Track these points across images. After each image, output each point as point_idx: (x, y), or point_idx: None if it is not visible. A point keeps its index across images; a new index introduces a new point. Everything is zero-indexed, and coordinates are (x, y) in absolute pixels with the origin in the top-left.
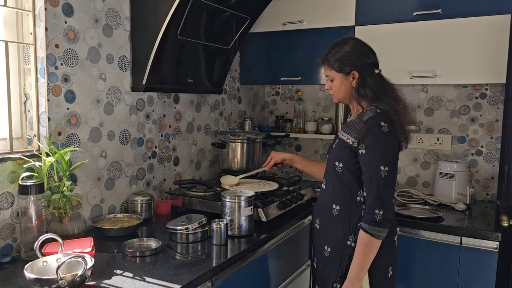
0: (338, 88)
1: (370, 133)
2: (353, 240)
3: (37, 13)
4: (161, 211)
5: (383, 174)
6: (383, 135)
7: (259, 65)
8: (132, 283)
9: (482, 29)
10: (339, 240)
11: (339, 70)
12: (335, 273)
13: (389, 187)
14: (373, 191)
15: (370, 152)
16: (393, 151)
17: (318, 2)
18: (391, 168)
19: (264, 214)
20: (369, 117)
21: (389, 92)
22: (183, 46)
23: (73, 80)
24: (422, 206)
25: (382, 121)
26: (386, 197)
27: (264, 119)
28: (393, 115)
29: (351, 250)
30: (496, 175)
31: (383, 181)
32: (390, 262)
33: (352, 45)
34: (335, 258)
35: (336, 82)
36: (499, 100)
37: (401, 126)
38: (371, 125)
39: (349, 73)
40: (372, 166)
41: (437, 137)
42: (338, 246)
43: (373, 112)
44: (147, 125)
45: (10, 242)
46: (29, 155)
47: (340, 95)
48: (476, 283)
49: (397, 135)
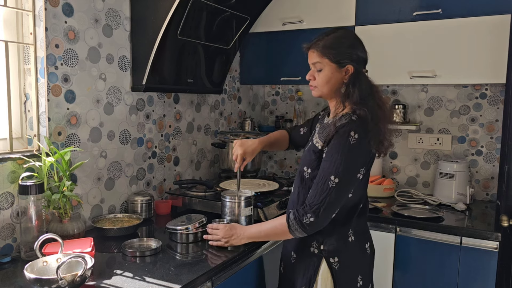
0: (325, 81)
1: (335, 140)
2: (316, 247)
3: (37, 13)
4: (161, 211)
5: (330, 184)
6: (348, 146)
7: (259, 65)
8: (132, 283)
9: (482, 29)
10: (303, 246)
11: (333, 60)
12: (299, 280)
13: (332, 200)
14: (315, 196)
15: (329, 158)
16: (354, 165)
17: (318, 2)
18: (342, 182)
19: (264, 214)
20: (342, 123)
21: (374, 94)
22: (183, 46)
23: (73, 80)
24: (422, 206)
25: (352, 131)
26: (323, 208)
27: (264, 119)
28: (370, 122)
29: (315, 257)
30: (496, 175)
31: (327, 191)
32: (360, 272)
33: (345, 34)
34: (300, 265)
35: (325, 72)
36: (499, 100)
37: (379, 134)
38: (340, 132)
39: (343, 65)
40: (324, 172)
41: (437, 137)
42: (302, 253)
43: (347, 119)
44: (147, 125)
45: (10, 242)
46: (29, 155)
47: (325, 88)
48: (476, 283)
49: (368, 146)
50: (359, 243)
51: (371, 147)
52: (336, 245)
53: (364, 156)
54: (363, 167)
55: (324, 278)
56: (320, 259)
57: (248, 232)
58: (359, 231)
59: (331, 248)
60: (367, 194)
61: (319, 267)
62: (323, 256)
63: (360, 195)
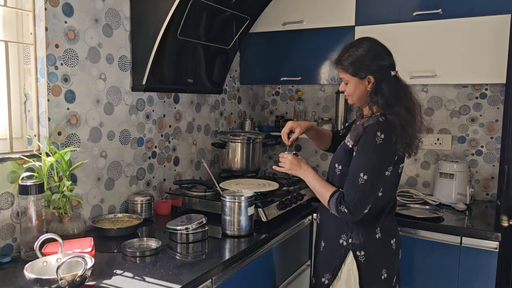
0: (352, 91)
1: (363, 139)
2: (345, 239)
3: (37, 13)
4: (161, 211)
5: (359, 181)
6: (374, 145)
7: (259, 65)
8: (132, 283)
9: (482, 29)
10: (333, 237)
11: (354, 74)
12: (325, 268)
13: (363, 195)
14: (349, 192)
15: (358, 156)
16: (381, 163)
17: (318, 2)
18: (370, 179)
19: (264, 214)
20: (370, 124)
21: (403, 98)
22: (183, 46)
23: (73, 80)
24: (422, 206)
25: (379, 131)
26: (355, 204)
27: (264, 119)
28: (398, 126)
29: (343, 249)
30: (496, 175)
31: (356, 188)
32: (385, 265)
33: (366, 48)
34: (327, 254)
35: (350, 85)
36: (499, 100)
37: (406, 138)
38: (367, 132)
39: (364, 77)
40: (354, 170)
41: (437, 137)
42: (331, 243)
43: (375, 120)
44: (147, 125)
45: (10, 242)
46: (29, 155)
47: (354, 98)
48: (476, 283)
49: (395, 148)
50: (385, 239)
51: (397, 149)
52: (364, 240)
53: (390, 156)
54: (390, 166)
55: (349, 269)
56: (348, 251)
57: (307, 175)
58: (386, 228)
59: (358, 242)
60: (395, 194)
61: (346, 258)
62: (350, 249)
63: (390, 195)
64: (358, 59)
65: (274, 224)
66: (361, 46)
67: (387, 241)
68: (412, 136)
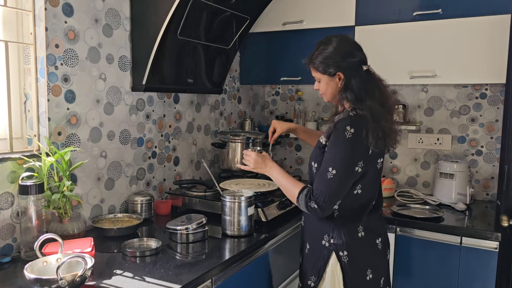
0: (325, 89)
1: (333, 134)
2: (327, 240)
3: (37, 13)
4: (161, 211)
5: (328, 176)
6: (344, 139)
7: (259, 65)
8: (132, 283)
9: (482, 29)
10: (316, 238)
11: (324, 72)
12: (310, 271)
13: (332, 190)
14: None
15: (328, 151)
16: (349, 158)
17: (318, 2)
18: (339, 173)
19: (264, 214)
20: (340, 119)
21: (375, 92)
22: (183, 46)
23: (73, 80)
24: (422, 206)
25: (348, 126)
26: (324, 199)
27: (264, 119)
28: (371, 120)
29: (326, 250)
30: (496, 175)
31: (325, 182)
32: (370, 265)
33: (335, 45)
34: (312, 256)
35: (322, 83)
36: (499, 100)
37: (379, 132)
38: (337, 127)
39: (334, 74)
40: (324, 165)
41: (437, 137)
42: (314, 244)
43: (345, 115)
44: (147, 125)
45: (10, 242)
46: (29, 155)
47: (328, 95)
48: (476, 283)
49: (366, 142)
50: (370, 238)
51: (369, 143)
52: (346, 240)
53: (361, 151)
54: (361, 161)
55: (333, 270)
56: (330, 252)
57: (273, 172)
58: (370, 226)
59: (340, 242)
60: (380, 191)
61: (329, 259)
62: (333, 250)
63: (372, 192)
64: (328, 57)
65: (274, 224)
66: (330, 43)
67: (372, 241)
68: (386, 130)
